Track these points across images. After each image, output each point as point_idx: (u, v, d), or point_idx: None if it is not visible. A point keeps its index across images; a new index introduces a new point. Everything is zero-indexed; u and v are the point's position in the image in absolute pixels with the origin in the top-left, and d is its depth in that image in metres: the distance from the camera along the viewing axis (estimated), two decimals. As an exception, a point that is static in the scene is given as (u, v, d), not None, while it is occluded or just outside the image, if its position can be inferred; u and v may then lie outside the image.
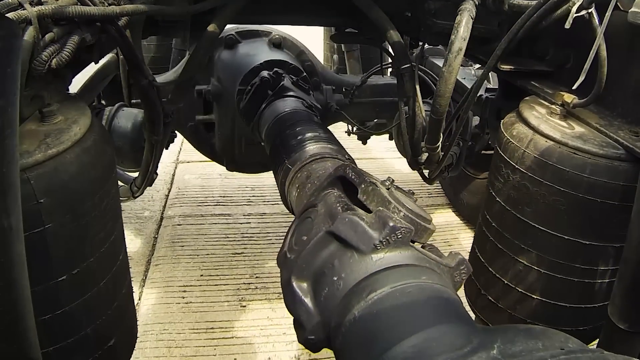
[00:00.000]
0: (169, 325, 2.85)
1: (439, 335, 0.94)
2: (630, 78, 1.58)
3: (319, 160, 1.82)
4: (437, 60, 3.31)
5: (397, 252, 1.13)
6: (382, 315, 1.02)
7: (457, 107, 1.99)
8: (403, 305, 1.02)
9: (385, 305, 1.03)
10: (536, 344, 0.87)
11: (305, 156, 1.85)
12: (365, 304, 1.05)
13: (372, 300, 1.04)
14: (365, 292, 1.07)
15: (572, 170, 1.53)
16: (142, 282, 3.13)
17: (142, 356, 2.64)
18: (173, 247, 3.47)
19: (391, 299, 1.04)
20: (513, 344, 0.87)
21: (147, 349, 2.70)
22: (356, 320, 1.04)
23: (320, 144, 1.92)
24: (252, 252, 3.45)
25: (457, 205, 4.20)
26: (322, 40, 4.34)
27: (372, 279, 1.09)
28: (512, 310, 1.78)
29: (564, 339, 0.90)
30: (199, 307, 2.99)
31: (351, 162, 1.88)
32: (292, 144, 1.98)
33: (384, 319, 1.01)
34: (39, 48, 1.36)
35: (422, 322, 0.98)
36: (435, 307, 1.03)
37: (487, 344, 0.89)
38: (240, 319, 2.93)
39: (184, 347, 2.72)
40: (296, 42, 3.17)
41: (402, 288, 1.05)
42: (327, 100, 3.10)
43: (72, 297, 1.44)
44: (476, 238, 1.99)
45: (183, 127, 3.14)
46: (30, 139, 1.34)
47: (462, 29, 1.70)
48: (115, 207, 1.61)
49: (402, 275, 1.08)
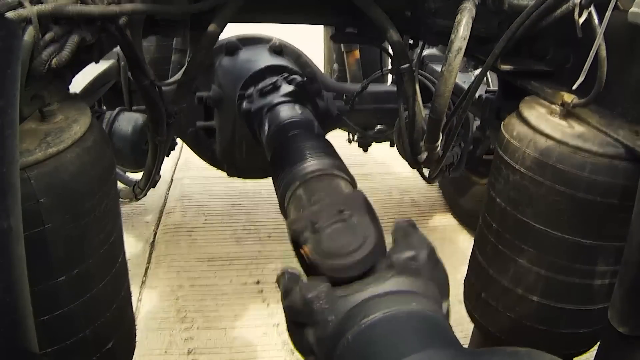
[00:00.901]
0: (178, 256, 3.57)
1: (426, 359, 0.99)
2: (630, 77, 1.57)
3: (317, 178, 1.82)
4: (437, 67, 3.31)
5: (391, 280, 1.20)
6: (374, 339, 1.08)
7: (457, 104, 1.99)
8: (393, 330, 1.08)
9: (377, 330, 1.10)
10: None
11: (304, 172, 1.85)
12: (358, 328, 1.11)
13: (365, 324, 1.10)
14: (359, 317, 1.13)
15: (572, 170, 1.53)
16: (156, 227, 3.89)
17: (156, 278, 3.34)
18: (182, 200, 4.24)
19: (383, 324, 1.10)
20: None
21: (160, 273, 3.41)
22: (349, 343, 1.10)
23: (319, 158, 1.92)
24: (248, 204, 4.19)
25: (456, 210, 4.19)
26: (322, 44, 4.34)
27: (365, 305, 1.15)
28: (511, 313, 1.78)
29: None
30: (203, 243, 3.73)
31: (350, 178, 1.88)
32: (291, 157, 1.97)
33: (375, 343, 1.07)
34: (39, 47, 1.36)
35: (411, 346, 1.03)
36: (424, 332, 1.08)
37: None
38: (236, 252, 3.64)
39: (190, 271, 3.43)
40: (296, 49, 3.18)
41: (393, 314, 1.11)
42: (327, 106, 3.10)
43: (70, 298, 1.44)
44: (476, 240, 1.98)
45: (184, 133, 3.16)
46: (30, 137, 1.35)
47: (462, 28, 1.70)
48: (114, 208, 1.61)
49: (394, 302, 1.14)
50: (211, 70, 3.00)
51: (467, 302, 1.99)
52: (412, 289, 1.18)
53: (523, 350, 0.95)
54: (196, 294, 3.23)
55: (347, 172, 1.89)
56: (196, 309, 3.11)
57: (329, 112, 3.07)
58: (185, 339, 2.88)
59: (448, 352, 1.00)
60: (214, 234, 3.83)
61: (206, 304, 3.15)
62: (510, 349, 0.96)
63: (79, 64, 1.78)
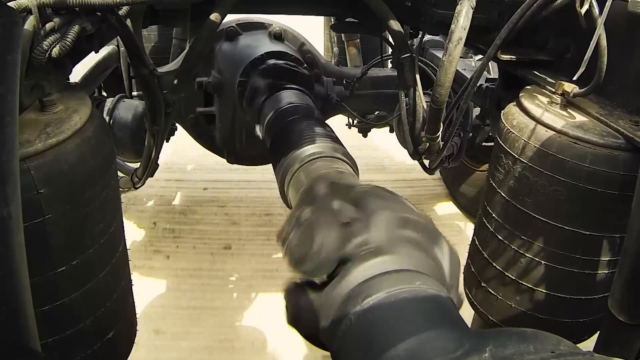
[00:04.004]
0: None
1: (432, 339, 0.96)
2: (631, 67, 1.57)
3: (317, 159, 1.81)
4: (437, 52, 3.30)
5: (393, 257, 1.15)
6: (377, 319, 1.05)
7: (457, 96, 1.99)
8: (397, 310, 1.04)
9: (380, 310, 1.06)
10: (528, 347, 0.88)
11: (304, 155, 1.85)
12: (360, 308, 1.06)
13: (368, 305, 1.06)
14: (361, 297, 1.08)
15: (572, 160, 1.53)
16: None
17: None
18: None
19: (386, 304, 1.06)
20: (505, 347, 0.89)
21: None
22: (352, 324, 1.06)
23: (319, 142, 1.92)
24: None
25: (457, 197, 4.20)
26: (322, 31, 4.33)
27: (367, 284, 1.11)
28: (511, 302, 1.79)
29: (555, 342, 0.92)
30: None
31: (351, 160, 1.88)
32: (291, 142, 1.97)
33: (379, 324, 1.04)
34: (40, 37, 1.36)
35: (416, 326, 1.00)
36: (429, 312, 1.05)
37: (479, 347, 0.90)
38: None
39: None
40: (297, 34, 3.15)
41: (396, 293, 1.07)
42: (327, 92, 3.09)
43: (71, 288, 1.44)
44: (476, 229, 1.99)
45: (183, 119, 3.15)
46: (30, 128, 1.34)
47: (463, 18, 1.70)
48: (115, 198, 1.61)
49: (397, 281, 1.09)
50: (211, 55, 2.98)
51: (467, 290, 1.99)
52: (414, 268, 1.15)
53: (530, 331, 0.94)
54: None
55: (347, 154, 1.89)
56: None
57: (328, 98, 3.06)
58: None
59: (454, 332, 0.99)
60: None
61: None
62: (517, 330, 0.95)
63: (79, 53, 1.77)
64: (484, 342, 0.91)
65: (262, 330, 2.92)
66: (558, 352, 0.86)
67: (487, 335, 0.94)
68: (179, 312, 3.02)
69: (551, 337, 0.93)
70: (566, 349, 0.89)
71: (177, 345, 2.81)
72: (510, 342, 0.89)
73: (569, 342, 0.93)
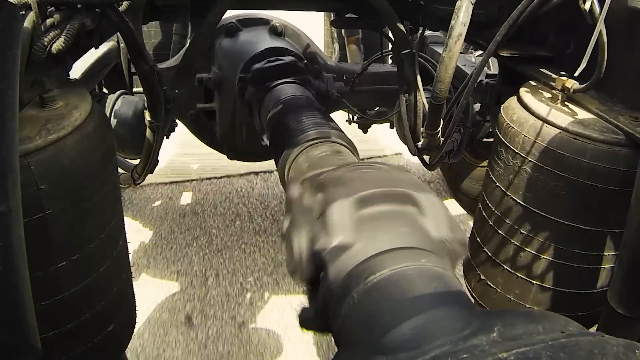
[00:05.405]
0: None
1: (438, 318, 0.93)
2: (631, 63, 1.57)
3: (318, 144, 1.82)
4: (437, 48, 3.29)
5: (397, 234, 1.12)
6: (382, 298, 1.01)
7: (458, 92, 1.99)
8: (402, 288, 1.00)
9: (385, 288, 1.02)
10: (536, 327, 0.86)
11: (304, 140, 1.85)
12: (364, 286, 1.03)
13: (372, 283, 1.03)
14: (365, 275, 1.05)
15: (572, 156, 1.53)
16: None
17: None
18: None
19: (390, 281, 1.02)
20: (513, 327, 0.87)
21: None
22: (355, 303, 1.03)
23: (320, 128, 1.92)
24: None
25: (457, 193, 4.20)
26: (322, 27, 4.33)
27: (371, 261, 1.07)
28: (510, 295, 1.79)
29: (564, 323, 0.90)
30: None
31: (351, 146, 1.88)
32: (292, 130, 1.97)
33: (383, 302, 1.00)
34: (40, 33, 1.36)
35: (422, 305, 0.96)
36: (435, 290, 1.01)
37: (487, 327, 0.88)
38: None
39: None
40: (297, 29, 3.15)
41: (401, 271, 1.03)
42: (327, 88, 3.08)
43: (72, 282, 1.45)
44: (475, 223, 1.99)
45: (184, 116, 3.14)
46: (30, 124, 1.34)
47: (463, 14, 1.69)
48: (115, 193, 1.61)
49: (402, 258, 1.06)
50: (211, 51, 2.98)
51: (467, 283, 2.00)
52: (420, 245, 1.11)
53: (537, 311, 0.93)
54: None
55: (346, 138, 1.89)
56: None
57: (329, 94, 3.06)
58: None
59: (461, 311, 0.96)
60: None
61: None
62: (524, 310, 0.94)
63: (79, 49, 1.78)
64: (492, 322, 0.89)
65: (272, 330, 2.93)
66: (567, 332, 0.84)
67: (495, 315, 0.92)
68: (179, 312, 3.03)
69: (559, 317, 0.91)
70: (575, 329, 0.88)
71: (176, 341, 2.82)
72: (518, 322, 0.88)
73: (577, 323, 0.91)
